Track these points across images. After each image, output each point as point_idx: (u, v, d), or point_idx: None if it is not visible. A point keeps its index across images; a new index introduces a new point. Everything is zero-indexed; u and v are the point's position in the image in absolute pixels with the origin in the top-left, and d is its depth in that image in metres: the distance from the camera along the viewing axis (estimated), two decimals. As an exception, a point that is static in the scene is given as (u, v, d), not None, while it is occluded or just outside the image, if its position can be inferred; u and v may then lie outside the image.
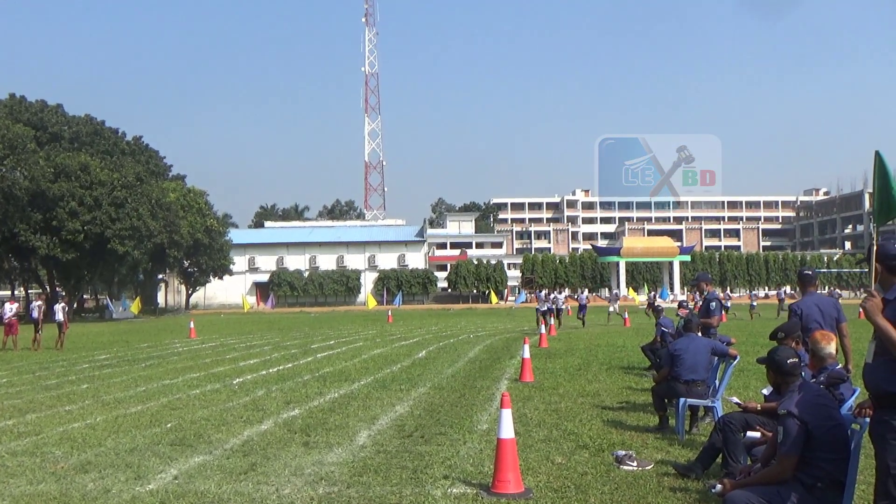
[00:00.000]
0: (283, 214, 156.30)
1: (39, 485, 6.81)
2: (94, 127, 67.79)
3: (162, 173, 75.12)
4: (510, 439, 6.28)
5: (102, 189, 56.40)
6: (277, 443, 8.44)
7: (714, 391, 8.91)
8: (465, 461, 7.40)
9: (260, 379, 14.83)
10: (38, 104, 64.81)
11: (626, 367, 15.85)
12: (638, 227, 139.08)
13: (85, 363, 19.40)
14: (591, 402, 11.03)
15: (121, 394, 12.97)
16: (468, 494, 6.23)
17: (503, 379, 14.04)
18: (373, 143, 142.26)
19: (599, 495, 6.16)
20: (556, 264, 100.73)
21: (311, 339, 27.30)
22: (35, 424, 10.00)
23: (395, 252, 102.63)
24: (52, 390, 13.77)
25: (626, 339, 23.93)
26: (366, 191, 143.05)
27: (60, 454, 8.08)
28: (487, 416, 9.90)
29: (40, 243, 53.94)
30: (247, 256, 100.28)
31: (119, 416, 10.47)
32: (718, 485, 4.91)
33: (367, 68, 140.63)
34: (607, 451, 7.67)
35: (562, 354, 18.84)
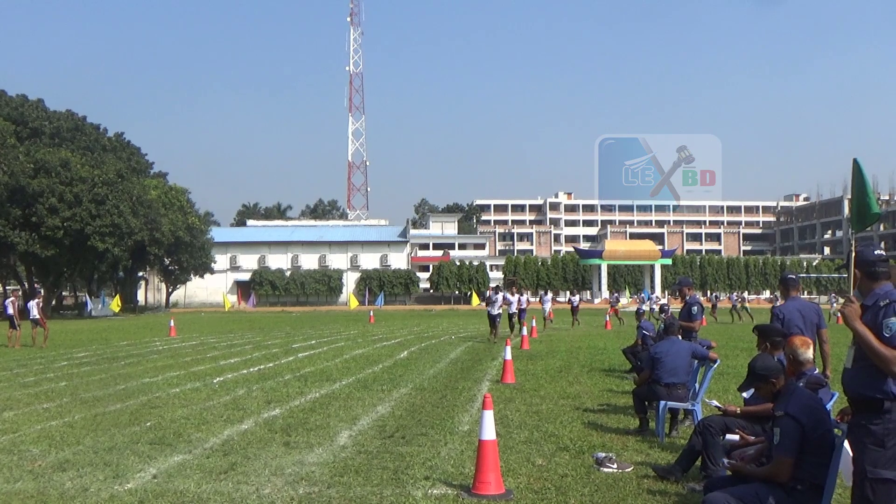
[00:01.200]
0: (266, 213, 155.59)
1: (17, 483, 6.76)
2: (75, 122, 67.21)
3: (143, 170, 74.56)
4: (491, 440, 6.29)
5: (83, 185, 55.91)
6: (258, 442, 8.42)
7: (694, 394, 8.98)
8: (445, 462, 7.41)
9: (241, 378, 14.77)
10: (18, 99, 64.15)
11: (606, 369, 15.92)
12: (620, 231, 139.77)
13: (63, 360, 19.23)
14: (572, 405, 11.07)
15: (100, 392, 12.88)
16: (449, 495, 6.24)
17: (485, 380, 14.07)
18: (356, 143, 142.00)
19: (580, 497, 6.19)
20: (539, 266, 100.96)
21: (293, 339, 27.21)
22: (12, 422, 9.91)
23: (377, 252, 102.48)
24: (31, 387, 13.64)
25: (607, 341, 24.04)
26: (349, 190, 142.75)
27: (38, 452, 8.01)
28: (469, 418, 9.92)
29: (19, 239, 53.39)
30: (228, 255, 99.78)
31: (98, 415, 10.39)
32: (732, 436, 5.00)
33: (352, 68, 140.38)
34: (588, 454, 7.70)
35: (543, 356, 18.90)
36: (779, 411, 4.71)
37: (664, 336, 9.47)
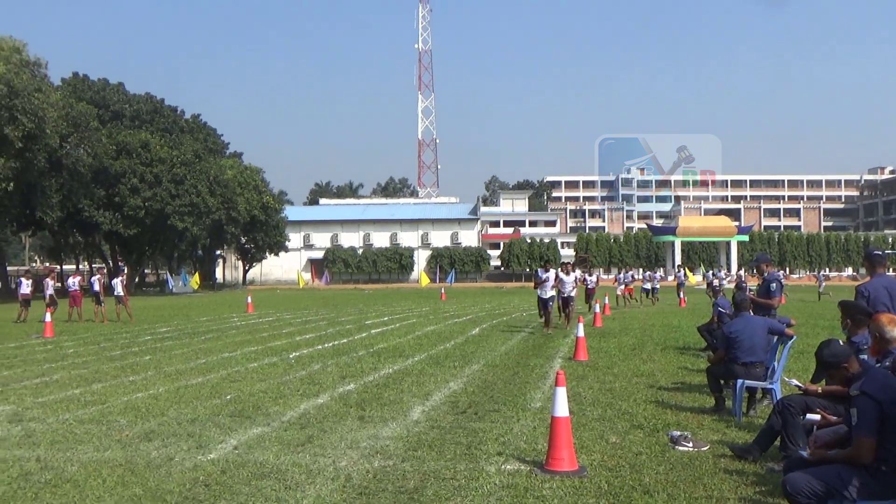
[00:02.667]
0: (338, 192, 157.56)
1: (106, 452, 7.05)
2: (154, 105, 69.13)
3: (219, 151, 76.34)
4: (564, 417, 6.28)
5: (162, 166, 57.60)
6: (333, 416, 8.58)
7: (772, 372, 8.76)
8: (518, 438, 7.43)
9: (316, 353, 15.06)
10: (100, 83, 66.30)
11: (681, 347, 15.68)
12: (694, 207, 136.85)
13: (147, 335, 19.93)
14: (646, 383, 10.95)
15: (182, 366, 13.31)
16: (522, 471, 6.26)
17: (556, 357, 14.02)
18: (426, 121, 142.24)
19: (654, 475, 6.14)
20: (611, 243, 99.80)
21: (366, 316, 27.58)
22: (101, 394, 10.34)
23: (448, 230, 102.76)
24: (117, 361, 14.19)
25: (682, 319, 23.65)
26: (419, 168, 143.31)
27: (125, 423, 8.34)
28: (541, 395, 9.91)
29: (103, 219, 55.38)
30: (302, 233, 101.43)
31: (180, 388, 10.75)
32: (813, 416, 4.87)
33: (421, 45, 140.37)
34: (662, 432, 7.62)
35: (616, 334, 18.72)
36: (854, 391, 4.58)
37: (736, 314, 9.23)
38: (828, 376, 5.24)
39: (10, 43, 46.03)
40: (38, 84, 45.41)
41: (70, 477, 6.20)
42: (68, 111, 49.29)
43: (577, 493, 5.71)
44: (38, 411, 9.11)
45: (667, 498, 5.57)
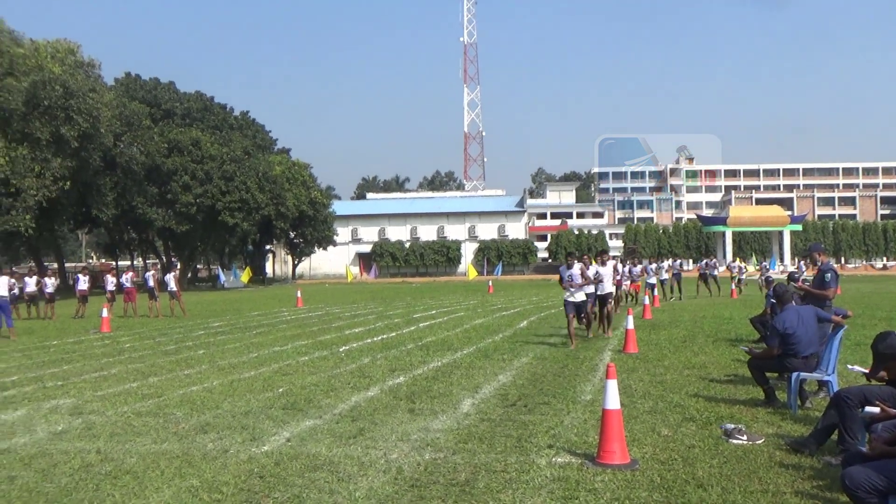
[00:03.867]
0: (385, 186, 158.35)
1: (163, 444, 7.21)
2: (203, 103, 70.18)
3: (268, 147, 77.20)
4: (616, 410, 6.24)
5: (213, 163, 58.50)
6: (384, 409, 8.65)
7: (828, 364, 8.57)
8: (569, 431, 7.41)
9: (365, 347, 15.18)
10: (151, 82, 67.51)
11: (733, 339, 15.43)
12: (745, 196, 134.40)
13: (200, 330, 20.29)
14: (698, 375, 10.82)
15: (235, 359, 13.54)
16: (573, 464, 6.24)
17: (606, 350, 13.92)
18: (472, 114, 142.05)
19: (708, 468, 6.07)
20: (660, 234, 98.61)
21: (414, 309, 27.69)
22: (157, 387, 10.57)
23: (495, 222, 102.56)
24: (172, 355, 14.49)
25: (734, 310, 23.26)
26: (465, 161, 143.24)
27: (181, 415, 8.52)
28: (591, 387, 9.86)
29: (156, 216, 56.48)
30: (350, 227, 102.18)
31: (234, 381, 10.93)
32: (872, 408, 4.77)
33: (466, 38, 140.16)
34: (715, 425, 7.52)
35: (666, 326, 18.50)
36: None
37: (780, 307, 8.93)
38: (885, 369, 5.12)
39: (64, 45, 47.12)
40: (92, 84, 46.42)
41: (129, 468, 6.36)
42: (122, 110, 50.33)
43: (630, 486, 5.67)
44: (97, 404, 9.35)
45: (721, 491, 5.51)
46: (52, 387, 10.85)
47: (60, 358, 14.56)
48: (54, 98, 41.59)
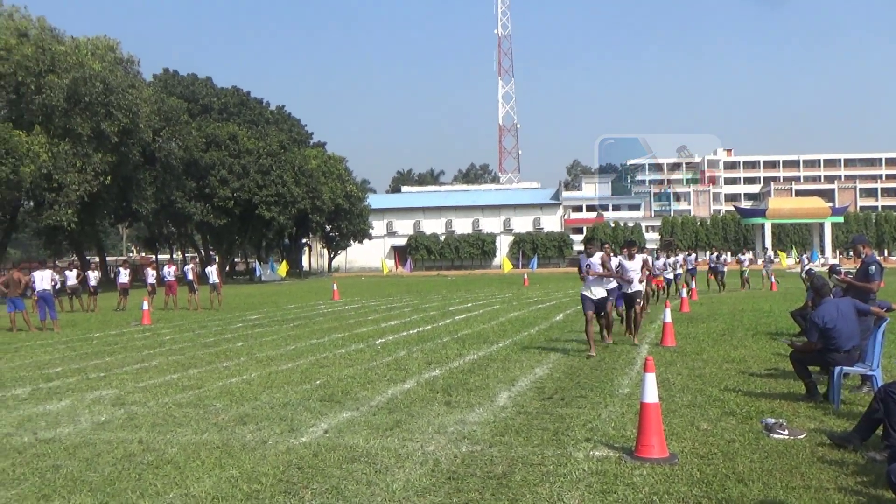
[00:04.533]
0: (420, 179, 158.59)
1: (204, 434, 7.31)
2: (240, 98, 70.87)
3: (303, 141, 77.69)
4: (654, 403, 6.18)
5: (249, 157, 59.06)
6: (420, 401, 8.67)
7: (873, 359, 8.40)
8: (606, 424, 7.36)
9: (401, 340, 15.23)
10: (189, 78, 68.34)
11: (773, 332, 15.21)
12: (785, 188, 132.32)
13: (238, 322, 20.51)
14: (737, 369, 10.68)
15: (272, 352, 13.66)
16: (611, 458, 6.20)
17: (644, 343, 13.81)
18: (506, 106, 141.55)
19: (748, 463, 5.99)
20: (697, 227, 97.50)
21: (449, 302, 27.72)
22: (197, 379, 10.71)
23: (530, 215, 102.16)
24: (211, 347, 14.67)
25: (773, 303, 22.94)
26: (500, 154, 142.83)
27: (221, 406, 8.63)
28: (629, 380, 9.79)
29: (195, 210, 57.19)
30: (385, 221, 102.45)
31: (272, 373, 11.04)
32: None
33: (500, 30, 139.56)
34: (755, 419, 7.42)
35: (704, 319, 18.30)
36: None
37: (818, 300, 8.74)
38: None
39: (104, 42, 47.86)
40: (131, 80, 47.09)
41: (171, 458, 6.45)
42: (160, 106, 50.98)
43: (669, 480, 5.62)
44: (139, 395, 9.50)
45: (762, 487, 5.44)
46: (94, 378, 11.05)
47: (103, 350, 14.82)
48: (95, 94, 42.25)
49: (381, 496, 5.40)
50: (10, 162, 37.28)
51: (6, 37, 41.75)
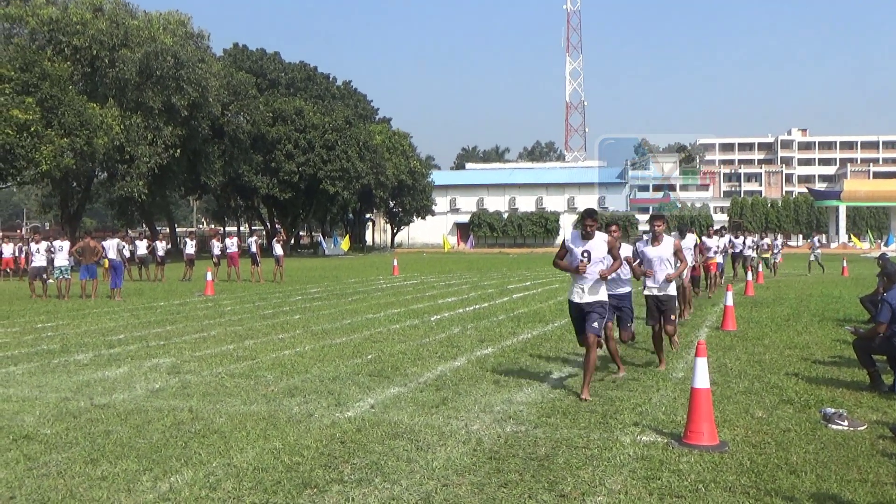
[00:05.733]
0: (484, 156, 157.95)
1: (252, 405, 7.39)
2: (307, 73, 71.40)
3: (369, 116, 78.04)
4: (705, 389, 6.00)
5: (315, 132, 59.55)
6: (469, 379, 8.62)
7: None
8: (657, 409, 7.19)
9: (456, 317, 15.19)
10: (258, 52, 69.10)
11: (841, 319, 14.67)
12: (862, 170, 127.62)
13: (298, 295, 20.77)
14: (800, 355, 10.33)
15: (328, 325, 13.78)
16: (658, 443, 6.05)
17: (703, 326, 13.49)
18: (574, 83, 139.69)
19: (803, 454, 5.76)
20: (767, 208, 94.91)
21: (508, 280, 27.58)
22: (251, 350, 10.86)
23: (595, 194, 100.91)
24: (269, 319, 14.87)
25: (844, 289, 22.17)
26: (566, 132, 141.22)
27: (272, 378, 8.72)
28: (683, 364, 9.55)
29: (261, 183, 58.04)
30: (448, 197, 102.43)
31: (325, 346, 11.12)
32: None
33: (569, 6, 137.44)
34: (814, 408, 7.15)
35: (769, 303, 17.78)
36: None
37: (890, 286, 8.38)
38: None
39: (176, 17, 48.69)
40: (201, 55, 47.82)
41: (217, 428, 6.53)
42: (229, 80, 51.71)
43: (717, 468, 5.45)
44: (194, 364, 9.67)
45: (815, 479, 5.22)
46: (154, 346, 11.30)
47: (165, 319, 15.17)
48: (166, 68, 43.06)
49: (420, 473, 5.36)
50: (84, 134, 38.29)
51: (82, 11, 42.79)
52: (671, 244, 9.79)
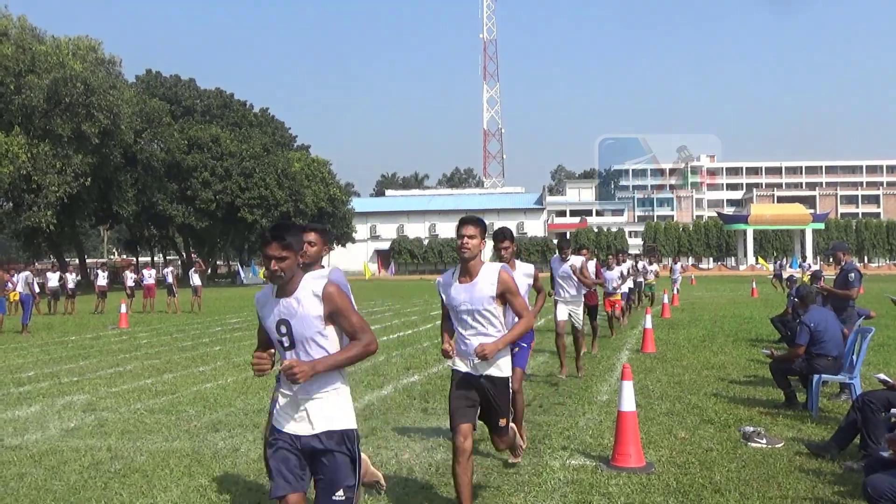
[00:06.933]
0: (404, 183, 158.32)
1: (174, 442, 7.16)
2: (223, 100, 70.48)
3: (287, 144, 77.39)
4: (631, 412, 6.11)
5: (232, 160, 58.75)
6: (397, 408, 8.56)
7: (851, 366, 8.38)
8: (584, 432, 7.28)
9: (381, 345, 15.10)
10: (172, 79, 67.88)
11: (753, 339, 15.23)
12: (767, 194, 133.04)
13: (217, 326, 20.31)
14: (717, 375, 10.65)
15: (250, 356, 13.46)
16: (587, 466, 6.12)
17: (624, 349, 13.77)
18: (491, 111, 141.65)
19: (726, 472, 5.92)
20: (680, 232, 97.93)
21: (431, 307, 27.60)
22: (171, 384, 10.54)
23: (514, 220, 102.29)
24: (188, 351, 14.48)
25: (754, 310, 23.01)
26: (484, 159, 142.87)
27: (194, 413, 8.47)
28: (607, 387, 9.72)
29: (176, 212, 56.82)
30: (368, 224, 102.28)
31: (248, 378, 10.88)
32: None
33: (486, 35, 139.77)
34: (734, 427, 7.37)
35: (685, 325, 18.30)
36: None
37: (803, 308, 8.74)
38: None
39: (86, 42, 47.45)
40: (113, 81, 46.71)
41: (139, 467, 6.30)
42: (142, 107, 50.64)
43: (645, 490, 5.55)
44: (111, 401, 9.33)
45: (739, 497, 5.37)
46: (67, 382, 10.86)
47: (77, 353, 14.60)
48: (75, 95, 41.89)
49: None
50: (-12, 162, 36.88)
51: (-14, 36, 41.35)
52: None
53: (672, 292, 26.56)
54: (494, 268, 4.90)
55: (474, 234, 4.99)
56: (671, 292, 26.51)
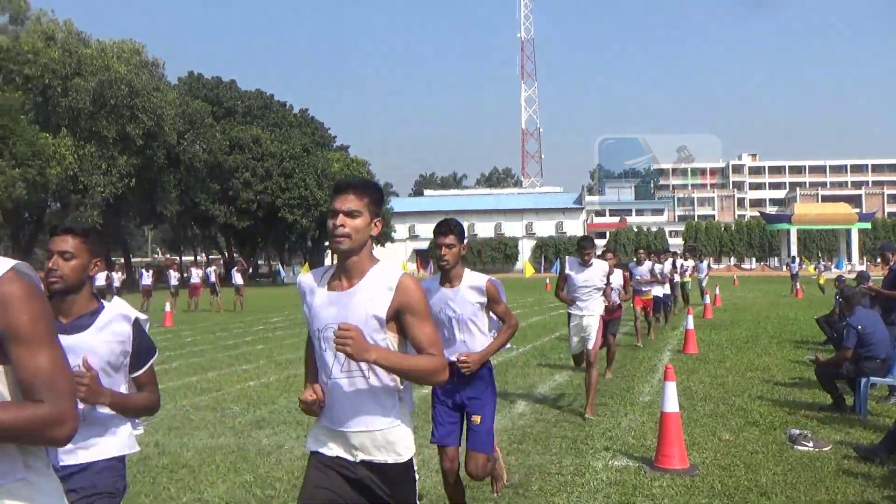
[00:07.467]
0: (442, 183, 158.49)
1: (220, 438, 7.28)
2: (264, 101, 71.16)
3: (326, 144, 77.88)
4: (674, 413, 6.07)
5: (273, 160, 59.31)
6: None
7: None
8: (626, 433, 7.25)
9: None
10: (213, 81, 68.72)
11: (798, 340, 14.99)
12: (811, 193, 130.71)
13: (260, 325, 20.55)
14: (761, 377, 10.51)
15: (292, 355, 13.64)
16: (630, 468, 6.09)
17: (665, 350, 13.65)
18: (529, 110, 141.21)
19: (771, 475, 5.86)
20: (721, 232, 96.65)
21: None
22: (216, 382, 10.71)
23: (552, 219, 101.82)
24: (231, 350, 14.69)
25: (798, 311, 22.63)
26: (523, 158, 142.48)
27: (238, 410, 8.60)
28: (650, 388, 9.66)
29: (219, 212, 57.57)
30: (407, 224, 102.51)
31: (290, 376, 11.02)
32: None
33: (523, 34, 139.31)
34: (779, 430, 7.28)
35: (727, 326, 18.07)
36: None
37: (849, 310, 8.57)
38: None
39: (130, 45, 48.31)
40: (156, 83, 47.48)
41: (186, 462, 6.42)
42: (184, 109, 51.36)
43: (689, 492, 5.51)
44: (157, 398, 9.49)
45: (785, 500, 5.31)
46: (114, 380, 11.06)
47: (124, 351, 14.87)
48: (120, 97, 42.64)
49: None
50: (36, 164, 37.69)
51: (33, 40, 42.26)
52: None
53: (698, 291, 25.76)
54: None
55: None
56: (700, 291, 25.32)
